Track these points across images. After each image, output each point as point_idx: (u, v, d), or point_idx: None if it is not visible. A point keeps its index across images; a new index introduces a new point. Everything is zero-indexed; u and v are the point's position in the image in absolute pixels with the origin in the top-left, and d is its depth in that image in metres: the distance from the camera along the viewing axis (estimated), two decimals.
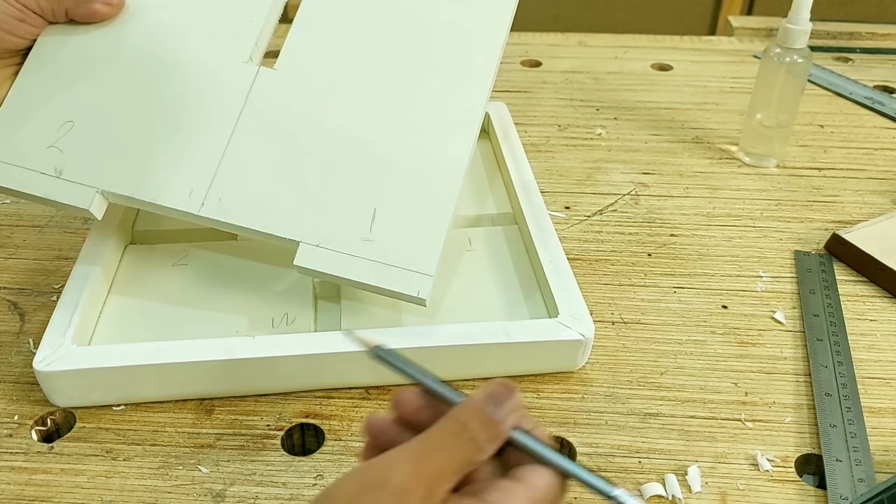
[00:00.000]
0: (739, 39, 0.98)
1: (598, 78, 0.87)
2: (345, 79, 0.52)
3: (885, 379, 0.50)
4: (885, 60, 0.93)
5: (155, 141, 0.49)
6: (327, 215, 0.48)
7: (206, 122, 0.50)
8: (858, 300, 0.56)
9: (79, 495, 0.42)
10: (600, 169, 0.71)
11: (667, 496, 0.43)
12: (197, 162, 0.49)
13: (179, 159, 0.49)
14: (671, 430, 0.46)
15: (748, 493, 0.43)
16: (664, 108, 0.81)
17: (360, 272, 0.47)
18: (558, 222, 0.63)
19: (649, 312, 0.55)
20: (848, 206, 0.66)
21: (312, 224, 0.48)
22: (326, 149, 0.50)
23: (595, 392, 0.49)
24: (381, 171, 0.50)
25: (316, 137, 0.50)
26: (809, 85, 0.86)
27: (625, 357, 0.51)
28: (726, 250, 0.61)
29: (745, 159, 0.72)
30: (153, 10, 0.52)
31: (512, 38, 0.97)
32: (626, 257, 0.60)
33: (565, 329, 0.48)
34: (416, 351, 0.47)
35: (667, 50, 0.94)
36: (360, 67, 0.53)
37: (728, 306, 0.56)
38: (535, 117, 0.79)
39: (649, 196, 0.67)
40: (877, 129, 0.78)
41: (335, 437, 0.46)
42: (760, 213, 0.65)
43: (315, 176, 0.49)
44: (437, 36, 0.54)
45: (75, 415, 0.47)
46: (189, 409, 0.47)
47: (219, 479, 0.43)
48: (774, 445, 0.46)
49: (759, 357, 0.51)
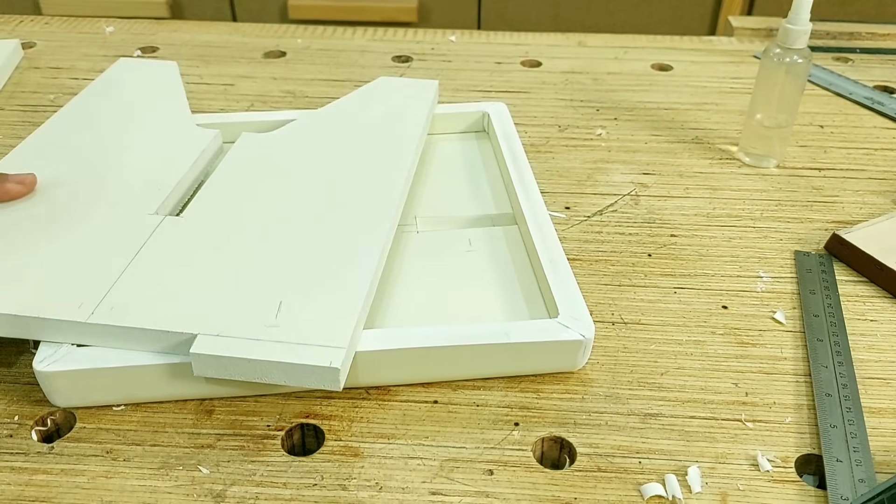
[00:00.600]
0: (739, 40, 0.98)
1: (597, 78, 0.88)
2: (249, 219, 0.54)
3: (885, 379, 0.50)
4: (885, 60, 0.93)
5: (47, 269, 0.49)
6: (228, 309, 0.46)
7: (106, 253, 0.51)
8: (858, 300, 0.56)
9: (79, 495, 0.42)
10: (600, 169, 0.71)
11: (667, 496, 0.43)
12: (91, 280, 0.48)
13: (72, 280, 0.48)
14: (671, 430, 0.46)
15: (748, 494, 0.43)
16: (664, 109, 0.81)
17: (264, 352, 0.43)
18: (558, 222, 0.63)
19: (649, 313, 0.55)
20: (848, 207, 0.66)
21: (212, 318, 0.46)
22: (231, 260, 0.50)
23: (595, 392, 0.49)
24: (286, 273, 0.49)
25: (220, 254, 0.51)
26: (809, 85, 0.86)
27: (625, 357, 0.51)
28: (726, 251, 0.61)
29: (745, 159, 0.72)
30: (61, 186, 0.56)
31: (512, 39, 0.98)
32: (626, 258, 0.60)
33: (565, 329, 0.48)
34: (416, 351, 0.47)
35: (667, 50, 0.94)
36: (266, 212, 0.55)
37: (728, 307, 0.56)
38: (535, 117, 0.79)
39: (649, 196, 0.67)
40: (877, 129, 0.79)
41: (335, 437, 0.46)
42: (760, 214, 0.65)
43: (216, 279, 0.49)
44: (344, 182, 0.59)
45: (75, 415, 0.47)
46: (189, 409, 0.47)
47: (219, 479, 0.43)
48: (775, 446, 0.46)
49: (759, 357, 0.51)
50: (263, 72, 0.88)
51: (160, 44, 0.94)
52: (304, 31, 0.99)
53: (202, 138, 0.64)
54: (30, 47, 0.92)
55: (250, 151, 0.63)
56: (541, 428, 0.46)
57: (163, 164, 0.61)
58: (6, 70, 0.85)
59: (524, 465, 0.44)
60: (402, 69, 0.90)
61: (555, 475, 0.44)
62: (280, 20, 1.74)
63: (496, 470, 0.44)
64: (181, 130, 0.66)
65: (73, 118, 0.67)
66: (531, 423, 0.46)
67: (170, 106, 0.70)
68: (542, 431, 0.46)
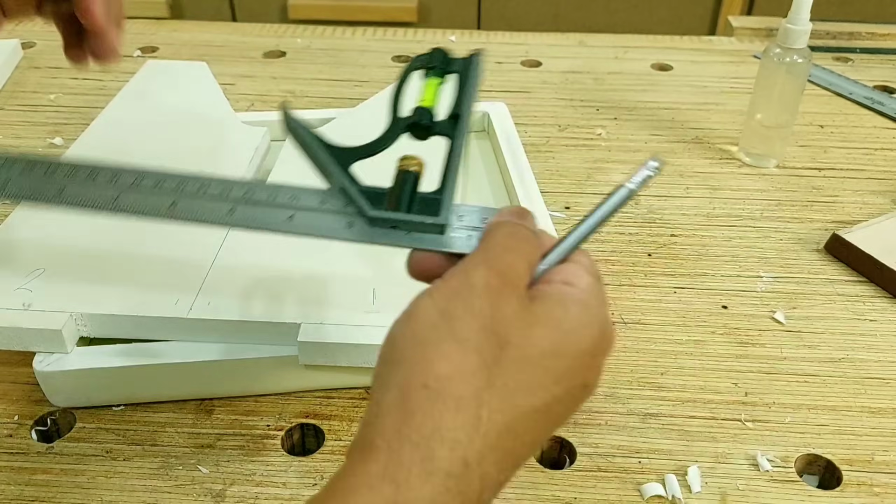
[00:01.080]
0: (739, 39, 0.98)
1: (598, 78, 0.88)
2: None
3: (885, 379, 0.50)
4: (885, 60, 0.93)
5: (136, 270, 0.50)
6: (323, 299, 0.47)
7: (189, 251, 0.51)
8: (858, 300, 0.56)
9: (79, 495, 0.42)
10: (600, 169, 0.71)
11: (667, 496, 0.43)
12: (181, 278, 0.49)
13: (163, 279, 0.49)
14: (671, 430, 0.46)
15: (748, 494, 0.43)
16: (664, 109, 0.81)
17: (369, 337, 0.45)
18: (558, 222, 0.63)
19: (649, 312, 0.55)
20: (848, 206, 0.66)
21: (309, 307, 0.47)
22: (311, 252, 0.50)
23: (595, 392, 0.49)
24: (370, 262, 0.50)
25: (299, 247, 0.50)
26: (809, 85, 0.86)
27: (625, 357, 0.51)
28: (726, 250, 0.61)
29: (745, 159, 0.72)
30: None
31: (512, 38, 0.98)
32: (627, 257, 0.60)
33: None
34: None
35: (667, 50, 0.94)
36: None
37: (728, 306, 0.56)
38: (535, 117, 0.79)
39: (649, 196, 0.67)
40: (877, 129, 0.78)
41: (335, 437, 0.46)
42: (761, 214, 0.65)
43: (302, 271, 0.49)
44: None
45: (75, 415, 0.47)
46: (189, 409, 0.47)
47: (219, 479, 0.43)
48: (774, 446, 0.46)
49: (759, 357, 0.51)
50: (263, 72, 0.88)
51: (160, 43, 0.94)
52: (304, 31, 0.99)
53: (254, 136, 0.65)
54: (30, 47, 0.92)
55: None
56: None
57: (223, 161, 0.61)
58: (6, 70, 0.85)
59: (524, 464, 0.44)
60: (403, 69, 0.90)
61: (555, 475, 0.44)
62: (280, 20, 1.74)
63: None
64: (231, 129, 0.66)
65: (115, 123, 0.66)
66: None
67: (212, 105, 0.69)
68: None
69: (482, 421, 0.27)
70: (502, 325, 0.28)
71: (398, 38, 0.98)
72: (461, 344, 0.28)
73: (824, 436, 0.46)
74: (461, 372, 0.27)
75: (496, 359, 0.28)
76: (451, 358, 0.28)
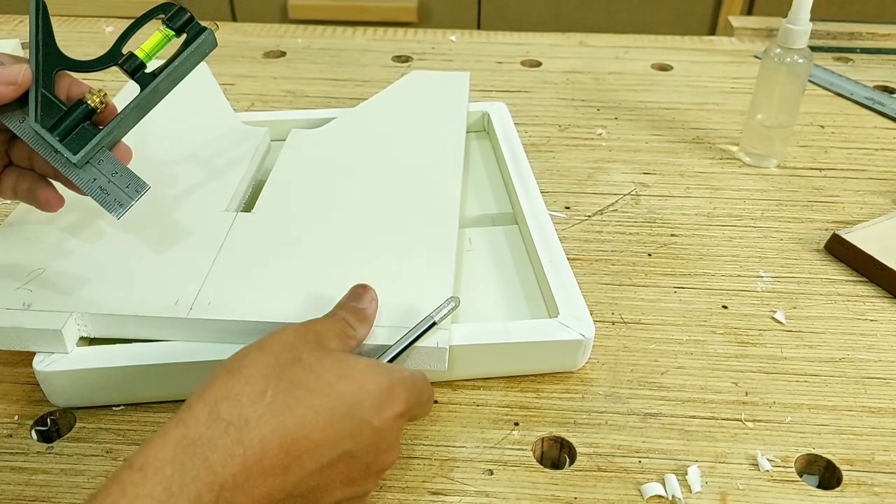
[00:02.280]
0: (740, 39, 0.98)
1: (598, 78, 0.88)
2: (319, 212, 0.55)
3: (885, 379, 0.50)
4: (885, 60, 0.93)
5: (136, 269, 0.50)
6: (323, 299, 0.47)
7: (189, 251, 0.51)
8: (858, 300, 0.56)
9: (79, 495, 0.42)
10: (601, 169, 0.71)
11: (667, 496, 0.43)
12: (181, 278, 0.49)
13: (163, 278, 0.49)
14: (671, 430, 0.46)
15: (748, 494, 0.43)
16: (665, 108, 0.81)
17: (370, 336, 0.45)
18: (558, 222, 0.63)
19: (650, 312, 0.55)
20: (848, 207, 0.66)
21: (310, 308, 0.47)
22: (312, 252, 0.51)
23: (595, 392, 0.49)
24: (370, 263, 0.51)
25: (300, 247, 0.52)
26: (810, 85, 0.86)
27: (625, 357, 0.51)
28: (727, 250, 0.61)
29: (745, 159, 0.72)
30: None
31: (512, 38, 0.98)
32: (627, 257, 0.60)
33: (565, 329, 0.48)
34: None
35: (667, 50, 0.94)
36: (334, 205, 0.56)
37: (728, 306, 0.56)
38: (535, 117, 0.79)
39: (650, 196, 0.67)
40: (877, 129, 0.78)
41: None
42: (761, 214, 0.65)
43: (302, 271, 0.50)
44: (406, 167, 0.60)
45: (75, 415, 0.47)
46: None
47: None
48: (774, 446, 0.45)
49: (759, 357, 0.51)
50: (263, 71, 0.88)
51: None
52: (305, 31, 0.99)
53: (254, 136, 0.65)
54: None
55: (305, 148, 0.63)
56: (541, 427, 0.46)
57: (223, 162, 0.61)
58: None
59: (524, 464, 0.44)
60: (403, 69, 0.90)
61: (555, 475, 0.44)
62: (280, 20, 1.74)
63: (496, 469, 0.44)
64: (231, 129, 0.66)
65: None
66: (531, 423, 0.46)
67: (211, 105, 0.69)
68: (542, 431, 0.46)
69: (266, 395, 0.34)
70: (299, 350, 0.37)
71: (398, 38, 0.98)
72: (262, 351, 0.37)
73: (824, 436, 0.46)
74: (256, 363, 0.36)
75: (288, 363, 0.36)
76: (252, 357, 0.36)
